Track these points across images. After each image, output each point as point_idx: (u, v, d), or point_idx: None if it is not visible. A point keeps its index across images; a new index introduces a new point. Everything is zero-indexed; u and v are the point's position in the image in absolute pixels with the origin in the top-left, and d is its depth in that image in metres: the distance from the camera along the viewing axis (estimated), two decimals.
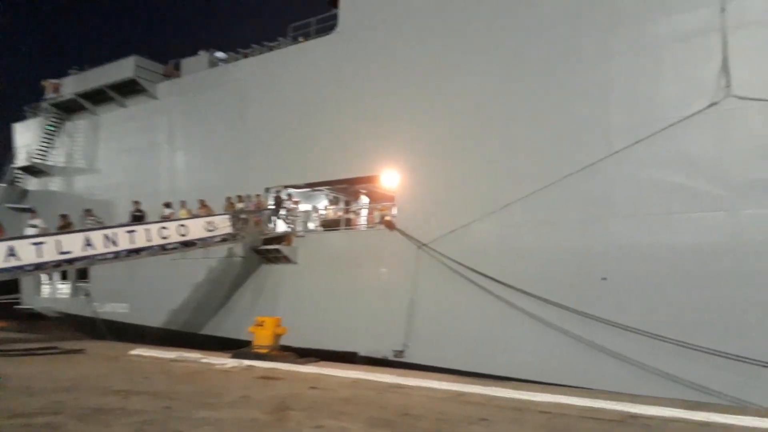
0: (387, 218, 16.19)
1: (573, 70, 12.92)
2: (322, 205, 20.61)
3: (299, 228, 18.59)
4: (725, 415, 6.74)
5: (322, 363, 12.26)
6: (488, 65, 14.39)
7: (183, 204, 19.13)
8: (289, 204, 18.93)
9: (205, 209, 18.38)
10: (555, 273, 12.59)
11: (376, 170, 16.54)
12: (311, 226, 18.89)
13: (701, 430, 6.21)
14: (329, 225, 18.52)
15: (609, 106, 12.37)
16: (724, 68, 10.74)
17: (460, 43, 14.98)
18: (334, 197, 20.84)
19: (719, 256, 10.74)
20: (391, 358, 14.53)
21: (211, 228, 16.92)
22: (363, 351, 15.10)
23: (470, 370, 12.31)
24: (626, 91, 12.14)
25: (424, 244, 14.74)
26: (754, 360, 9.84)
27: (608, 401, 7.53)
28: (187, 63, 23.46)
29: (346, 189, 19.61)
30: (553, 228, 12.84)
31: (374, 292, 15.62)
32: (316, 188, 19.69)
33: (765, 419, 6.75)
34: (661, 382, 10.76)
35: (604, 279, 11.90)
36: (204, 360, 12.16)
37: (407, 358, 14.34)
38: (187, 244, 16.64)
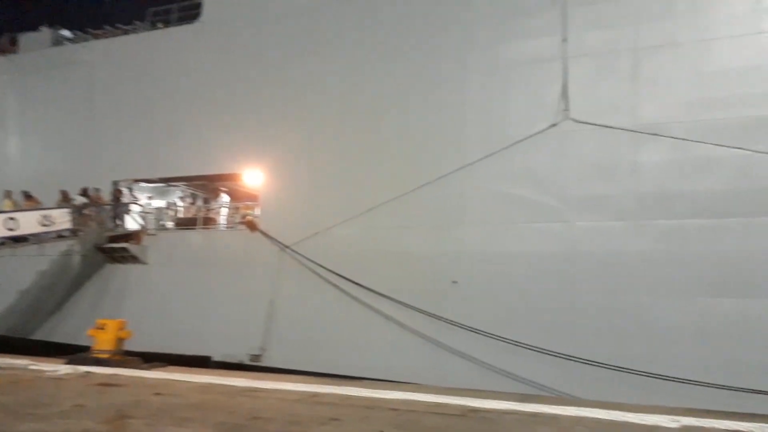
0: (249, 218, 15.82)
1: (432, 85, 13.68)
2: (178, 202, 19.58)
3: (151, 226, 17.48)
4: (552, 406, 7.46)
5: (170, 368, 11.60)
6: (354, 71, 14.72)
7: (8, 194, 17.11)
8: (131, 199, 17.72)
9: (31, 202, 16.59)
10: (411, 276, 13.20)
11: (239, 168, 16.10)
12: (165, 224, 17.86)
13: (532, 420, 6.82)
14: (185, 224, 17.65)
15: (464, 122, 13.24)
16: (564, 93, 12.04)
17: (326, 49, 15.15)
18: (192, 194, 19.91)
19: (557, 263, 11.96)
20: (247, 362, 14.19)
21: (47, 222, 15.33)
22: (218, 355, 14.58)
23: (329, 372, 12.44)
24: (480, 108, 13.09)
25: (287, 247, 14.63)
26: (580, 358, 11.10)
27: (453, 396, 8.00)
28: (26, 38, 21.08)
29: (205, 186, 18.85)
30: (410, 233, 13.44)
31: (232, 295, 15.16)
32: (172, 184, 18.67)
33: (585, 408, 7.55)
34: (502, 378, 11.74)
35: (455, 282, 12.71)
36: (33, 367, 10.93)
37: (265, 362, 14.12)
38: (18, 240, 14.91)
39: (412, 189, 13.25)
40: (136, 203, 17.88)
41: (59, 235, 15.80)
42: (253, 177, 15.95)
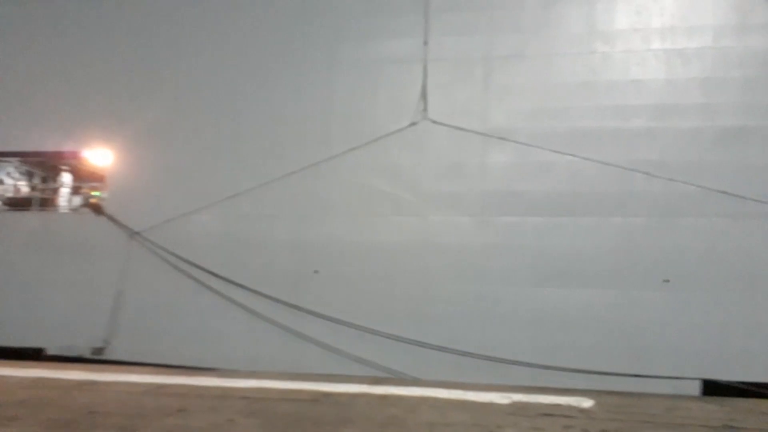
0: (93, 201, 14.62)
1: (302, 74, 13.65)
2: (6, 179, 17.48)
3: None
4: (400, 388, 7.91)
5: None
6: (220, 52, 14.20)
7: None
8: None
9: None
10: (273, 266, 13.14)
11: (83, 145, 14.78)
12: None
13: (381, 402, 7.18)
14: (18, 204, 15.85)
15: (331, 114, 13.39)
16: (423, 94, 12.69)
17: (190, 25, 14.43)
18: (28, 172, 17.91)
19: (412, 255, 12.59)
20: (88, 355, 13.18)
21: None
22: (53, 348, 13.37)
23: (180, 365, 12.05)
24: (347, 102, 13.32)
25: (137, 233, 13.78)
26: (430, 344, 11.87)
27: (306, 382, 8.16)
28: None
29: (43, 163, 17.04)
30: (273, 222, 13.34)
31: (73, 283, 13.93)
32: (2, 159, 16.66)
33: (430, 389, 8.08)
34: (358, 365, 12.14)
35: (317, 272, 12.89)
36: None
37: (109, 355, 13.22)
38: None
39: (276, 177, 13.16)
40: None
41: None
42: (100, 156, 14.73)
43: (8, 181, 17.27)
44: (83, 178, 16.69)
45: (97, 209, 14.27)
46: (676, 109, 12.03)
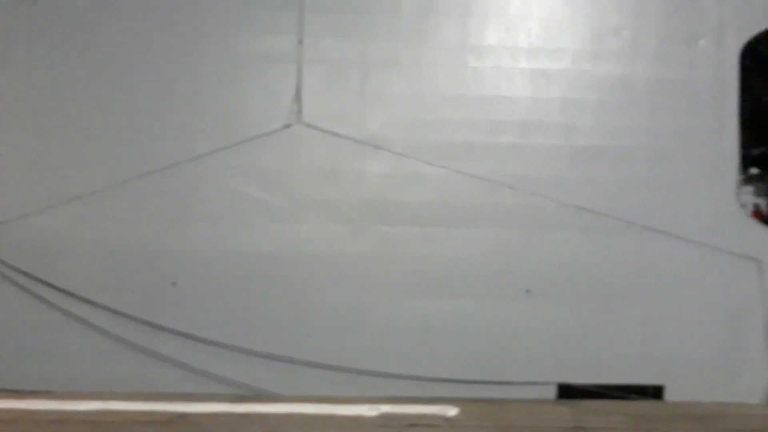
0: None
1: (164, 67, 12.98)
2: None
3: None
4: (264, 405, 7.83)
5: None
6: (75, 40, 13.09)
7: None
8: None
9: None
10: (126, 277, 12.35)
11: None
12: None
13: (242, 421, 7.06)
14: None
15: (196, 113, 12.89)
16: (297, 96, 12.69)
17: (41, 16, 13.13)
18: None
19: (284, 264, 12.45)
20: None
21: None
22: None
23: (9, 388, 10.90)
24: (214, 98, 12.90)
25: None
26: (297, 359, 11.82)
27: (160, 403, 7.79)
28: None
29: None
30: (128, 228, 12.55)
31: None
32: None
33: (295, 404, 8.09)
34: (220, 384, 11.75)
35: (174, 284, 12.32)
36: None
37: None
38: None
39: (131, 177, 12.42)
40: None
41: None
42: None
43: None
44: None
45: None
46: (539, 127, 13.16)
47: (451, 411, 8.09)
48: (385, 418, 7.52)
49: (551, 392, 12.17)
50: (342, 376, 11.78)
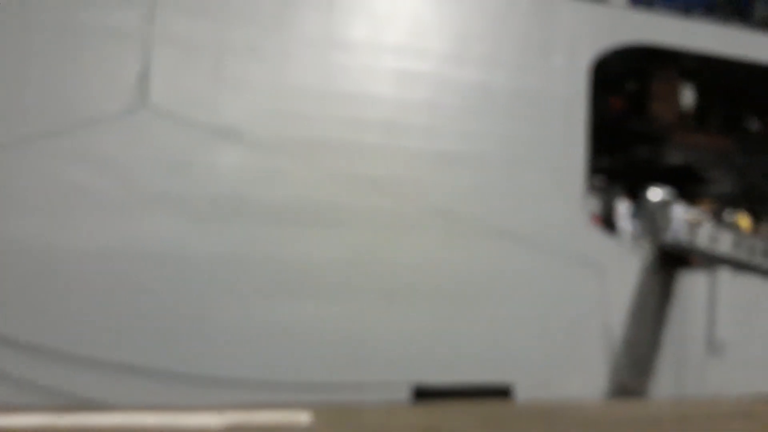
0: None
1: None
2: None
3: None
4: (96, 416, 7.26)
5: None
6: None
7: None
8: None
9: None
10: None
11: None
12: None
13: None
14: None
15: (22, 90, 11.66)
16: (144, 77, 11.92)
17: None
18: None
19: (118, 263, 11.61)
20: None
21: None
22: None
23: None
24: (44, 76, 11.70)
25: None
26: (135, 366, 11.13)
27: None
28: None
29: None
30: None
31: None
32: None
33: (134, 415, 7.60)
34: (44, 394, 10.71)
35: None
36: None
37: None
38: None
39: None
40: None
41: None
42: None
43: None
44: None
45: None
46: (403, 128, 13.59)
47: (304, 417, 8.08)
48: (233, 426, 7.34)
49: (406, 394, 12.65)
50: (185, 383, 11.30)
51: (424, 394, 12.35)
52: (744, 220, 15.07)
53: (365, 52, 13.36)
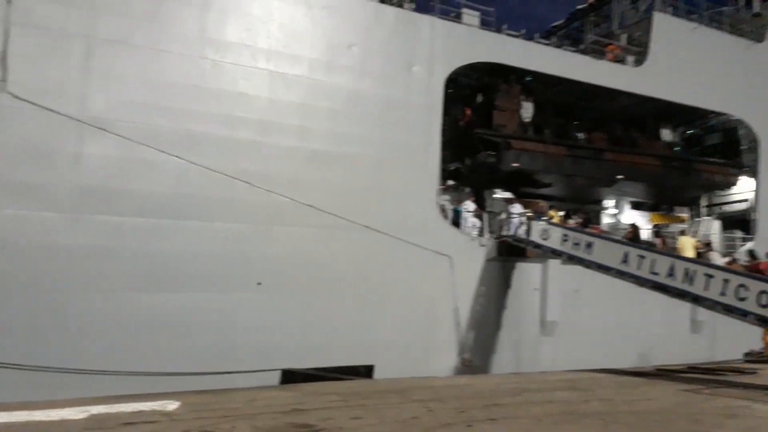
0: None
1: None
2: None
3: None
4: None
5: None
6: None
7: None
8: None
9: None
10: None
11: None
12: None
13: None
14: None
15: None
16: (2, 62, 10.75)
17: None
18: None
19: None
20: None
21: None
22: None
23: None
24: None
25: None
26: None
27: None
28: None
29: None
30: None
31: None
32: None
33: None
34: None
35: None
36: None
37: None
38: None
39: None
40: None
41: None
42: None
43: None
44: None
45: None
46: (277, 127, 13.41)
47: (171, 405, 7.70)
48: (95, 419, 6.82)
49: (275, 379, 12.51)
50: (49, 377, 10.34)
51: (292, 379, 12.27)
52: (555, 215, 16.38)
53: (239, 53, 13.03)
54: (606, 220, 20.87)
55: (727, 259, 14.24)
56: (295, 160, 13.60)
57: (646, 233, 19.80)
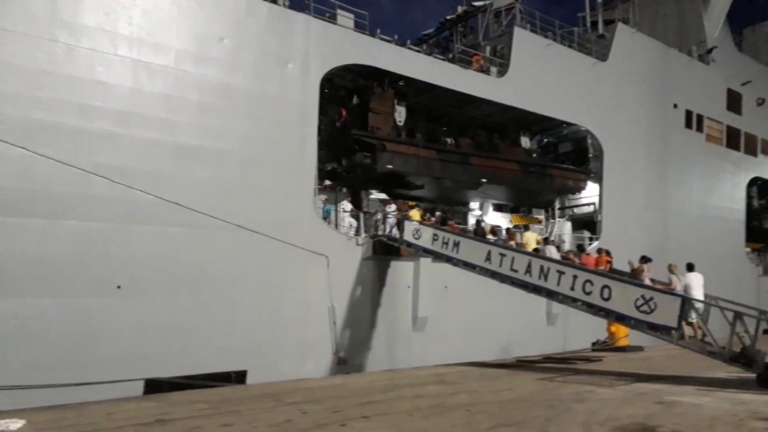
0: None
1: None
2: None
3: None
4: None
5: None
6: None
7: None
8: None
9: None
10: None
11: None
12: None
13: None
14: None
15: None
16: None
17: None
18: None
19: None
20: None
21: None
22: None
23: None
24: None
25: None
26: None
27: None
28: None
29: None
30: None
31: None
32: None
33: None
34: None
35: None
36: None
37: None
38: None
39: None
40: None
41: None
42: None
43: None
44: None
45: None
46: (139, 119, 12.52)
47: (14, 425, 6.94)
48: None
49: (137, 389, 11.64)
50: None
51: (157, 389, 11.51)
52: (415, 214, 16.96)
53: (97, 38, 11.99)
54: (472, 220, 21.91)
55: (560, 253, 15.55)
56: (159, 154, 12.83)
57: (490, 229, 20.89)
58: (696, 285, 11.19)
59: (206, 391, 10.16)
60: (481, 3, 21.73)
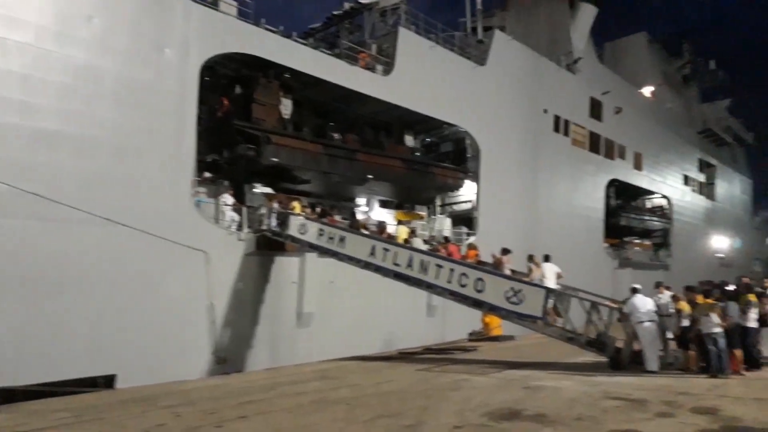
0: None
1: None
2: None
3: None
4: None
5: None
6: None
7: None
8: None
9: None
10: None
11: None
12: None
13: None
14: None
15: None
16: None
17: None
18: None
19: None
20: None
21: None
22: None
23: None
24: None
25: None
26: None
27: None
28: None
29: None
30: None
31: None
32: None
33: None
34: None
35: None
36: None
37: None
38: None
39: None
40: None
41: None
42: None
43: None
44: None
45: None
46: None
47: None
48: None
49: None
50: None
51: (11, 399, 10.36)
52: (297, 207, 16.85)
53: None
54: (360, 216, 22.06)
55: (427, 246, 16.29)
56: (15, 140, 11.62)
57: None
58: (549, 274, 12.45)
59: (69, 398, 9.36)
60: (367, 1, 21.88)
